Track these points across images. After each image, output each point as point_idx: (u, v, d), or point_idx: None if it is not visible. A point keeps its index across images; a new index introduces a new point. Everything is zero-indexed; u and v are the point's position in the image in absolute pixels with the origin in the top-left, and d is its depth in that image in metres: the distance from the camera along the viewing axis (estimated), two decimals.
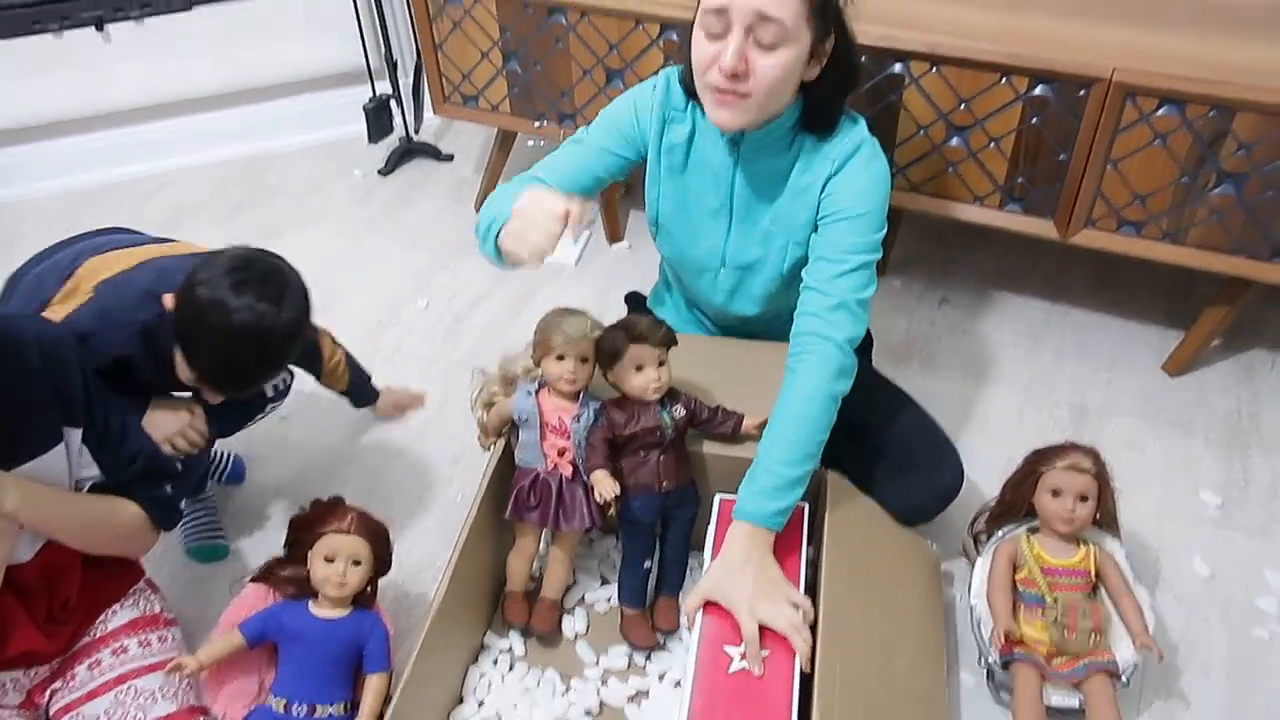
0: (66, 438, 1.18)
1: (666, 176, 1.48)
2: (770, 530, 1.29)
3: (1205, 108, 1.57)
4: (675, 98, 1.44)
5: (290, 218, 2.51)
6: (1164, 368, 1.95)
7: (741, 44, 1.23)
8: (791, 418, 1.30)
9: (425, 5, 2.11)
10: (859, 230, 1.34)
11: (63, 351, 1.18)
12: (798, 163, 1.39)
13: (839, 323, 1.31)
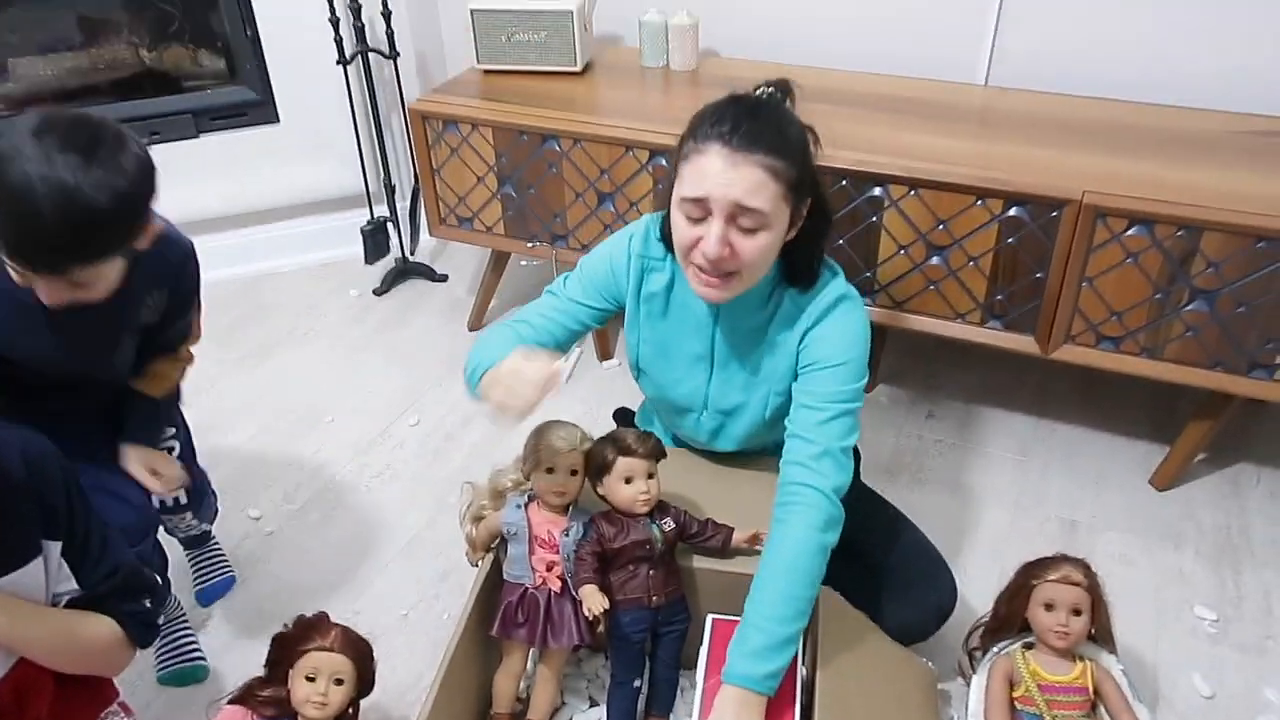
0: (45, 551, 1.16)
1: (646, 322, 1.48)
2: (762, 695, 1.24)
3: (1173, 228, 1.63)
4: (653, 248, 1.44)
5: (285, 335, 2.55)
6: (1151, 482, 1.96)
7: (723, 230, 1.23)
8: (781, 571, 1.26)
9: (424, 132, 2.20)
10: (840, 379, 1.33)
11: (47, 463, 1.18)
12: (775, 318, 1.39)
13: (825, 471, 1.29)
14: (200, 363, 2.42)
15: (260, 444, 2.16)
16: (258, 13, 2.46)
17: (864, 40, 2.25)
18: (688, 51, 2.27)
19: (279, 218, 2.79)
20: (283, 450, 2.14)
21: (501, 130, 2.11)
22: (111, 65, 2.55)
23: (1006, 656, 1.38)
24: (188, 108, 2.54)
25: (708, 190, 1.22)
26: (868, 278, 1.91)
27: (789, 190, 1.24)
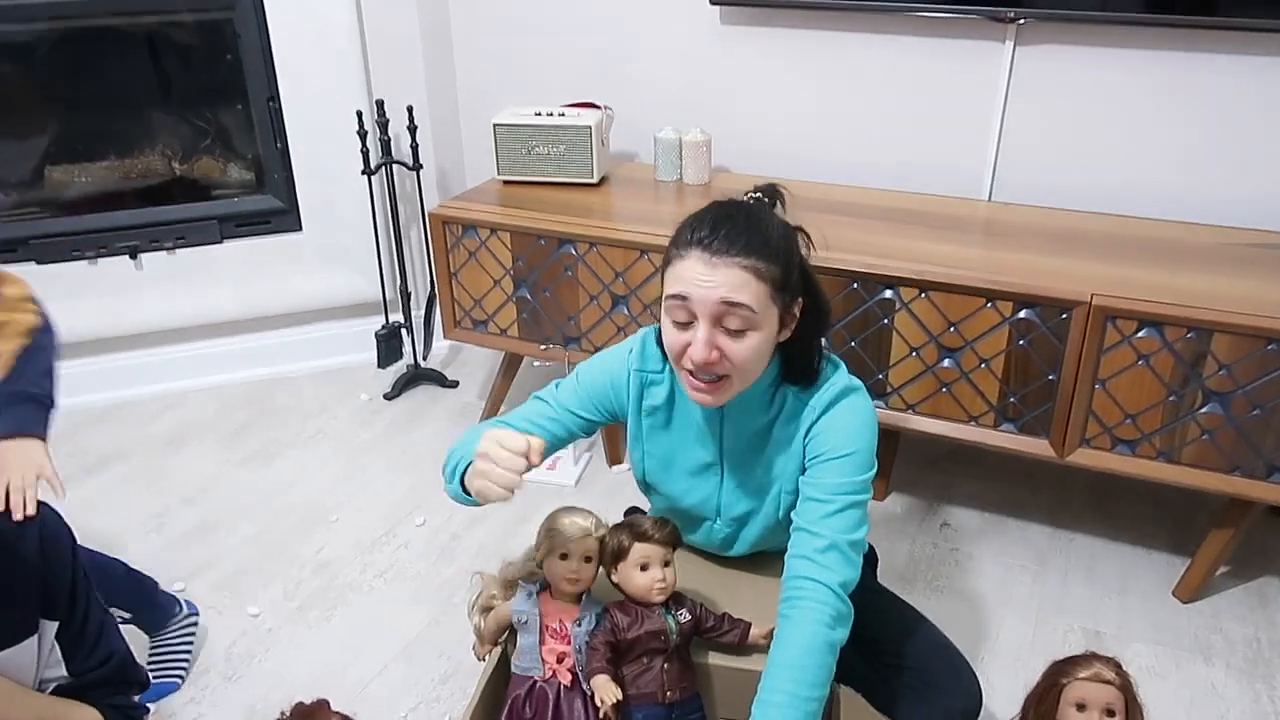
0: (41, 630, 1.14)
1: (650, 436, 1.46)
2: None
3: (1183, 330, 1.65)
4: (651, 360, 1.42)
5: (294, 438, 2.54)
6: (1174, 594, 1.91)
7: (709, 334, 1.22)
8: (789, 670, 1.19)
9: (444, 237, 2.26)
10: (846, 470, 1.30)
11: (61, 544, 1.16)
12: (780, 417, 1.37)
13: (831, 565, 1.23)
14: (204, 462, 2.44)
15: (262, 543, 2.12)
16: (288, 125, 2.56)
17: (870, 156, 2.34)
18: (700, 166, 2.36)
19: (294, 323, 2.83)
20: (284, 549, 2.10)
21: (520, 235, 2.17)
22: (144, 174, 2.64)
23: None
24: (214, 214, 2.62)
25: (689, 291, 1.21)
26: (880, 380, 1.92)
27: (774, 290, 1.23)
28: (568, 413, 1.47)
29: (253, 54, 2.49)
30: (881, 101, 2.29)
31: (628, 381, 1.45)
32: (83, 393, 2.68)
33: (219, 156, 2.71)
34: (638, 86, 2.51)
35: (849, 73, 2.30)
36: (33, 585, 1.10)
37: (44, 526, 1.13)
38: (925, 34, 2.19)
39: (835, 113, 2.35)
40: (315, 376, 2.84)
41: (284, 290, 2.75)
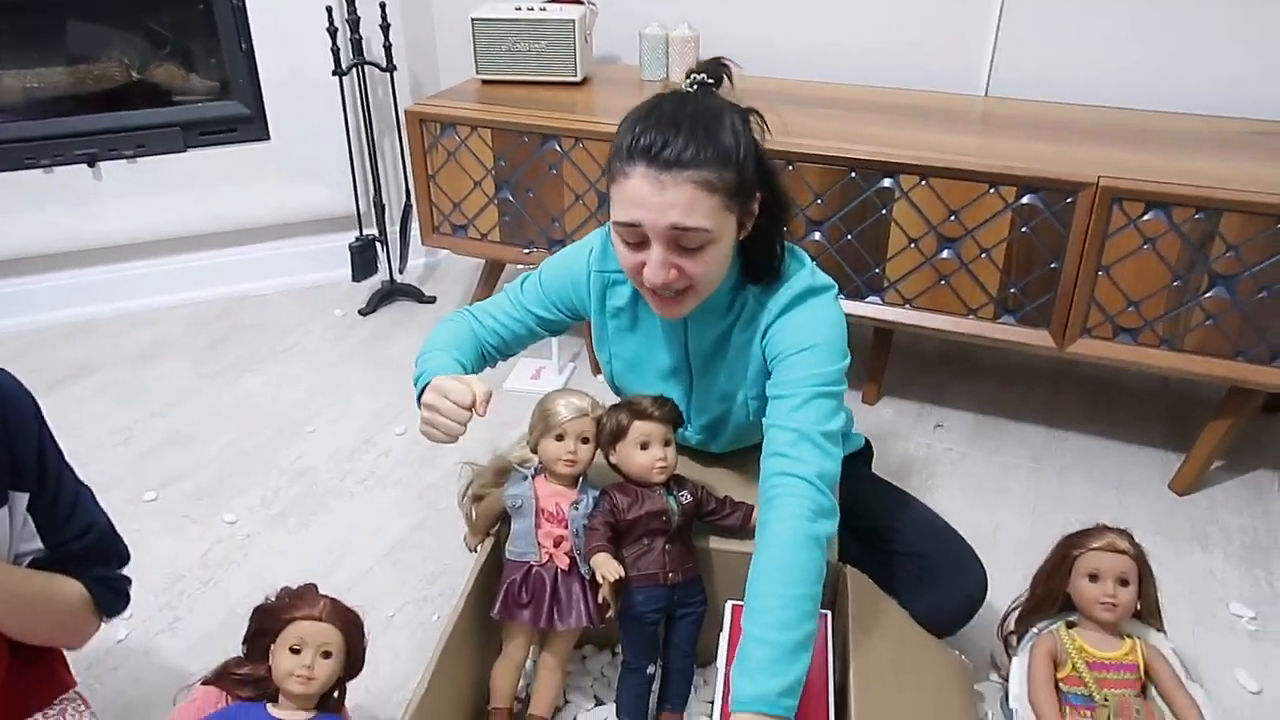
0: (11, 502, 1.06)
1: (616, 338, 1.41)
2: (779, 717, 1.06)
3: (1191, 210, 1.61)
4: (613, 261, 1.33)
5: (266, 353, 2.45)
6: (1170, 487, 1.90)
7: (664, 255, 1.15)
8: (774, 573, 1.11)
9: (421, 136, 2.16)
10: (807, 363, 1.22)
11: (24, 407, 1.08)
12: (739, 321, 1.30)
13: (804, 457, 1.15)
14: (175, 377, 2.35)
15: (237, 451, 2.04)
16: (253, 25, 2.43)
17: (863, 53, 2.26)
18: (689, 64, 2.26)
19: (264, 238, 2.72)
20: (260, 459, 2.03)
21: (501, 132, 2.08)
22: (101, 79, 2.50)
23: (1049, 635, 1.28)
24: (176, 121, 2.49)
25: (639, 216, 1.13)
26: (876, 274, 1.87)
27: (729, 198, 1.15)
28: (529, 313, 1.42)
29: None
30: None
31: (588, 282, 1.38)
32: (46, 309, 2.57)
33: (180, 62, 2.58)
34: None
35: None
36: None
37: (2, 391, 1.05)
38: None
39: (827, 7, 2.26)
40: (288, 294, 2.75)
41: (253, 203, 2.64)
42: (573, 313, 1.42)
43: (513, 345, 1.45)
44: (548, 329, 1.44)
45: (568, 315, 1.42)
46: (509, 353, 1.46)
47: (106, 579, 1.14)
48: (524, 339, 1.44)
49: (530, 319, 1.42)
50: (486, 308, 1.44)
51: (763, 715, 1.05)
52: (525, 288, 1.43)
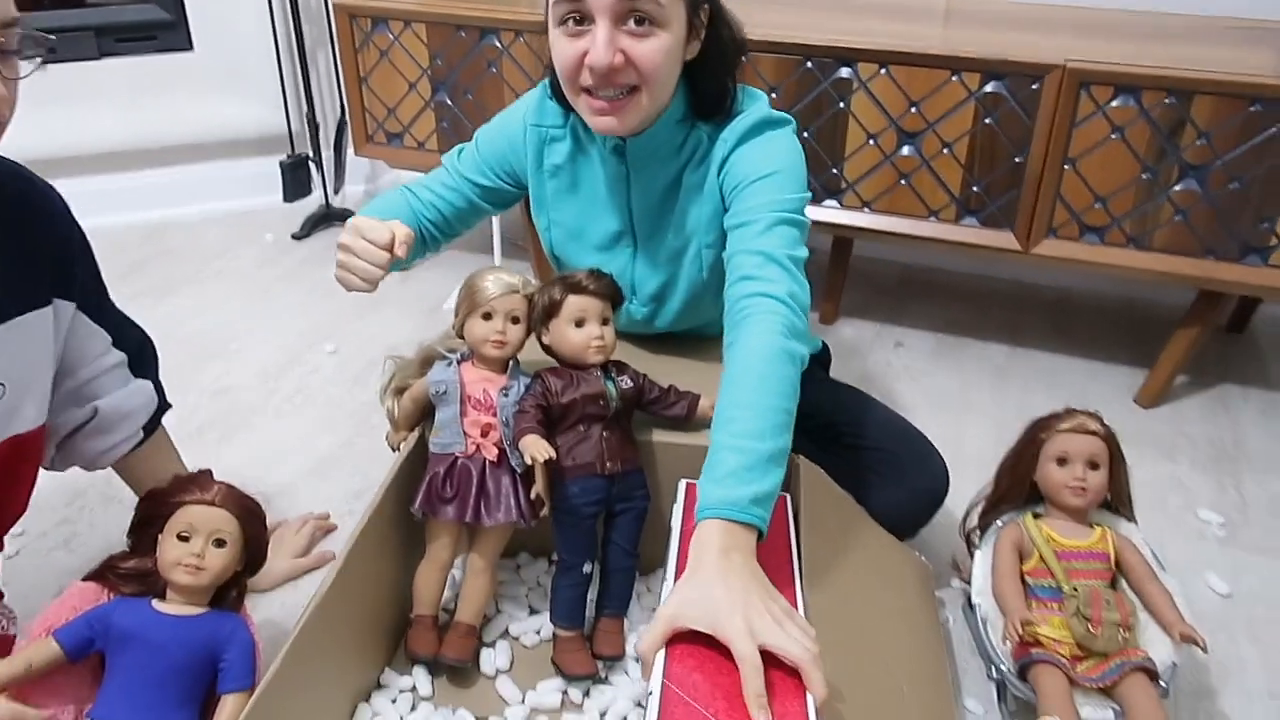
0: (56, 309, 1.06)
1: (554, 201, 1.31)
2: (749, 527, 0.94)
3: (1162, 94, 1.52)
4: (549, 114, 1.26)
5: (191, 276, 2.30)
6: (1136, 401, 1.83)
7: (610, 33, 1.05)
8: (748, 381, 1.01)
9: (351, 34, 2.02)
10: (772, 188, 1.13)
11: (71, 227, 1.10)
12: (691, 160, 1.21)
13: (774, 277, 1.07)
14: None
15: None
16: None
17: None
18: None
19: (189, 158, 2.56)
20: (179, 378, 1.85)
21: (436, 26, 1.94)
22: None
23: (1014, 525, 1.20)
24: (89, 24, 2.31)
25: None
26: (834, 175, 1.77)
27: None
28: (466, 181, 1.33)
29: None
30: None
31: (524, 137, 1.28)
32: None
33: None
34: None
35: None
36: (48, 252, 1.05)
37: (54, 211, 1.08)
38: None
39: None
40: (215, 219, 2.59)
41: (175, 118, 2.48)
42: (512, 178, 1.32)
43: (453, 222, 1.35)
44: (488, 200, 1.35)
45: (507, 182, 1.33)
46: (450, 231, 1.36)
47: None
48: (464, 213, 1.35)
49: (467, 187, 1.33)
50: (424, 181, 1.35)
51: (732, 522, 0.93)
52: (462, 157, 1.35)
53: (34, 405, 1.06)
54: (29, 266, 1.03)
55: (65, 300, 1.08)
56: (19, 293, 1.02)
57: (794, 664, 0.83)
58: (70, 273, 1.09)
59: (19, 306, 1.01)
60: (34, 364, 1.05)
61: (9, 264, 1.00)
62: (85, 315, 1.13)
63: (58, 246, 1.07)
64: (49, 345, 1.07)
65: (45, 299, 1.05)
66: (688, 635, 0.87)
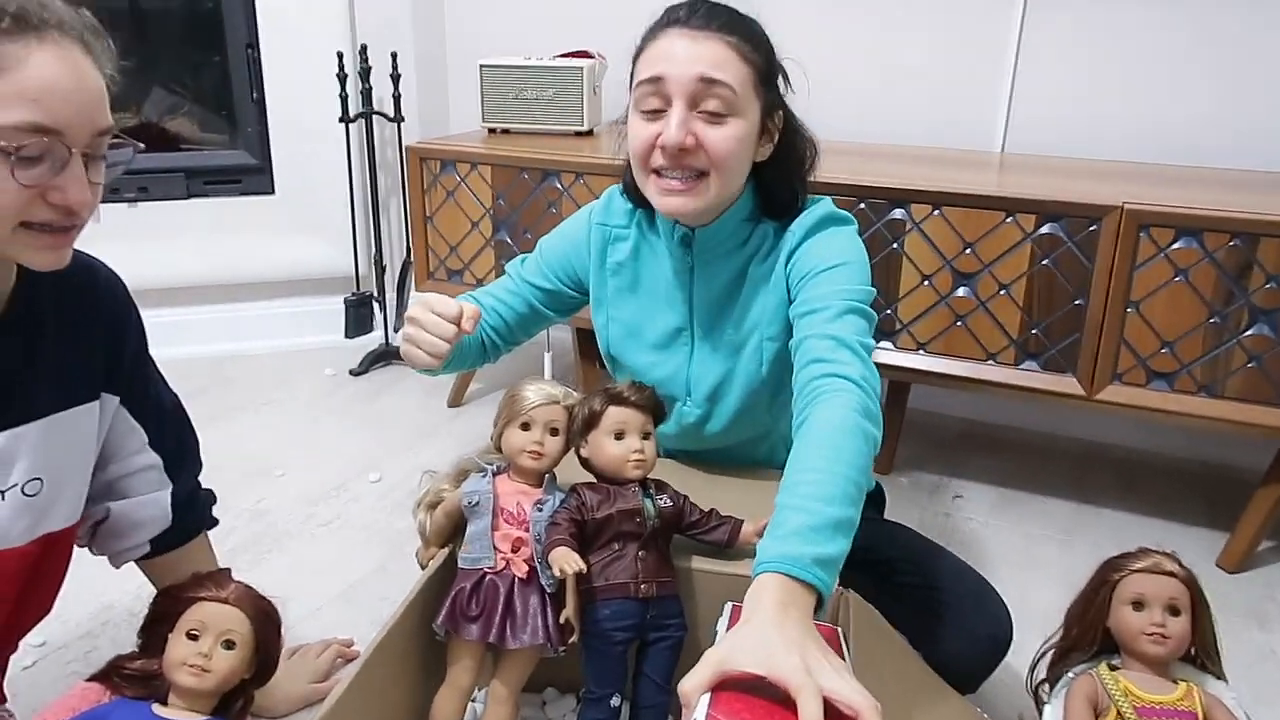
0: (101, 402, 1.06)
1: (615, 299, 1.33)
2: (809, 588, 0.86)
3: (1226, 236, 1.49)
4: (616, 214, 1.31)
5: (245, 404, 2.33)
6: (1219, 564, 1.70)
7: (685, 115, 1.10)
8: (820, 450, 0.96)
9: (420, 175, 2.11)
10: (841, 278, 1.14)
11: (127, 314, 1.10)
12: (756, 254, 1.23)
13: (847, 360, 1.05)
14: None
15: None
16: (267, 78, 2.44)
17: (880, 113, 2.21)
18: None
19: (260, 295, 2.65)
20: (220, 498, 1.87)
21: (501, 168, 2.02)
22: None
23: (1087, 677, 1.08)
24: (181, 166, 2.47)
25: (664, 69, 1.09)
26: (888, 315, 1.75)
27: (758, 79, 1.12)
28: (527, 284, 1.36)
29: None
30: (886, 55, 2.18)
31: (589, 237, 1.32)
32: None
33: (191, 109, 2.57)
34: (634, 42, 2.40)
35: (851, 20, 2.19)
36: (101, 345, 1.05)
37: (114, 295, 1.09)
38: None
39: (836, 68, 2.23)
40: (278, 354, 2.65)
41: (251, 256, 2.59)
42: (573, 280, 1.35)
43: (514, 328, 1.37)
44: (549, 306, 1.37)
45: (568, 286, 1.35)
46: (510, 338, 1.38)
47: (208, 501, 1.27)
48: (525, 319, 1.37)
49: (529, 291, 1.35)
50: (487, 288, 1.39)
51: (792, 579, 0.85)
52: (525, 263, 1.38)
53: (69, 503, 1.05)
54: (83, 360, 1.04)
55: (111, 394, 1.08)
56: (70, 386, 1.02)
57: (853, 710, 0.75)
58: (120, 365, 1.09)
59: (68, 400, 1.02)
60: (74, 460, 1.05)
61: (64, 357, 1.01)
62: (127, 410, 1.12)
63: (113, 339, 1.08)
64: (91, 441, 1.06)
65: (94, 393, 1.05)
66: (734, 683, 0.79)
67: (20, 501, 0.97)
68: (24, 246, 0.84)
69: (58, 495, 1.02)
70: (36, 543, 1.00)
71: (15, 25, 0.80)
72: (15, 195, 0.81)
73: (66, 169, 0.82)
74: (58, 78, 0.81)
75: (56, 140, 0.81)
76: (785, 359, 1.19)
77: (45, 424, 0.98)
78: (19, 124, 0.79)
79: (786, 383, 1.19)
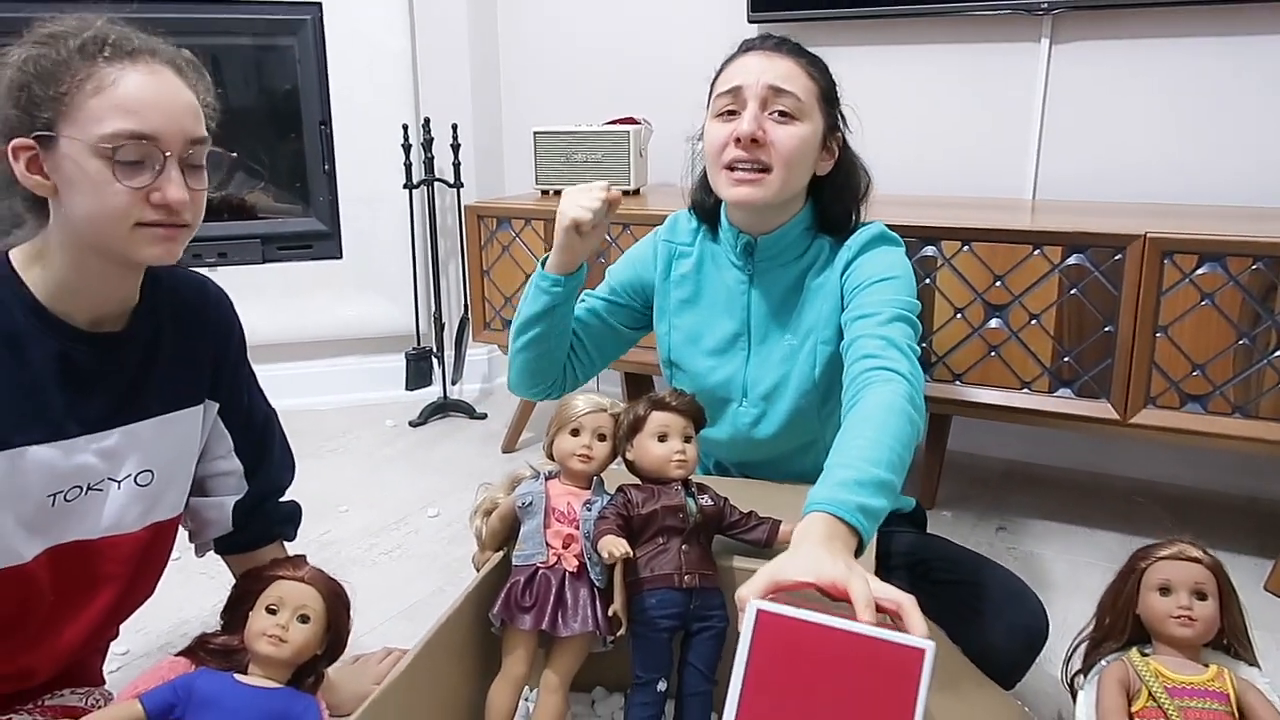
0: (205, 407, 1.17)
1: (677, 310, 1.44)
2: (852, 530, 0.94)
3: (1249, 260, 1.55)
4: (681, 233, 1.45)
5: (310, 452, 2.45)
6: (1266, 588, 1.70)
7: (758, 112, 1.25)
8: (870, 422, 1.05)
9: (478, 232, 2.26)
10: (891, 290, 1.25)
11: (230, 324, 1.22)
12: (814, 265, 1.35)
13: (897, 358, 1.15)
14: None
15: None
16: (337, 149, 2.64)
17: (906, 163, 2.31)
18: None
19: (326, 353, 2.80)
20: None
21: (553, 223, 2.14)
22: None
23: (1119, 663, 1.11)
24: (258, 234, 2.66)
25: (740, 80, 1.25)
26: (924, 348, 1.82)
27: (822, 96, 1.28)
28: (597, 299, 1.49)
29: (309, 79, 2.60)
30: (918, 108, 2.30)
31: (655, 253, 1.45)
32: None
33: (267, 186, 2.76)
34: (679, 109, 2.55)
35: (888, 81, 2.32)
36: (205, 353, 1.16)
37: (221, 307, 1.21)
38: (959, 40, 2.22)
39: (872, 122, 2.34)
40: (341, 408, 2.79)
41: (320, 316, 2.74)
42: (640, 295, 1.47)
43: (588, 345, 1.48)
44: (618, 319, 1.48)
45: (635, 300, 1.47)
46: (586, 357, 1.49)
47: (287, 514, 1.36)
48: (597, 334, 1.48)
49: (600, 305, 1.48)
50: None
51: (837, 519, 0.94)
52: (595, 291, 1.51)
53: (176, 494, 1.16)
54: (193, 368, 1.16)
55: (213, 400, 1.20)
56: (181, 390, 1.14)
57: (894, 604, 0.82)
58: (222, 374, 1.20)
59: (180, 402, 1.14)
60: (182, 456, 1.16)
61: (177, 364, 1.13)
62: (220, 417, 1.23)
63: (219, 352, 1.20)
64: (196, 440, 1.18)
65: (200, 398, 1.17)
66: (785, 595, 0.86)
67: (134, 491, 1.08)
68: (140, 242, 0.97)
69: (166, 487, 1.13)
70: (147, 530, 1.11)
71: (114, 51, 0.95)
72: (124, 197, 0.94)
73: (163, 172, 0.95)
74: (149, 90, 0.95)
75: (152, 145, 0.94)
76: (836, 363, 1.30)
77: (157, 423, 1.10)
78: (118, 132, 0.92)
79: (835, 388, 1.29)
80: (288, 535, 1.34)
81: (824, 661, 0.76)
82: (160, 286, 1.11)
